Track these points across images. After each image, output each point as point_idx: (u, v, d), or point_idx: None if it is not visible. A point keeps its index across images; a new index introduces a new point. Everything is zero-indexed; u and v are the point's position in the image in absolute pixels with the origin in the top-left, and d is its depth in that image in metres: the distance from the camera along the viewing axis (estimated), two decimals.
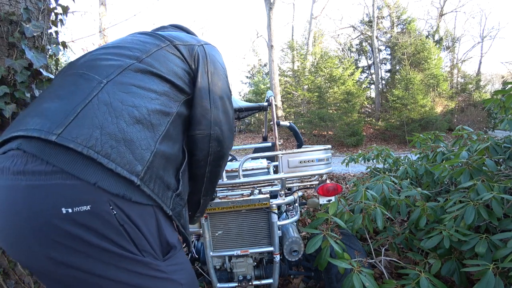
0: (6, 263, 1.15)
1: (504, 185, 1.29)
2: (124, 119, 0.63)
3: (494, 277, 0.95)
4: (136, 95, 0.68)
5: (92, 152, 0.56)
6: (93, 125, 0.58)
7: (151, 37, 0.86)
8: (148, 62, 0.76)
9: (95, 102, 0.62)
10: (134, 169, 0.60)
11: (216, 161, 0.88)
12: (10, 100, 1.11)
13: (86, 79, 0.67)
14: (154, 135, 0.68)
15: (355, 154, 3.07)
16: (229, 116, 0.91)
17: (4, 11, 1.11)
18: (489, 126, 12.09)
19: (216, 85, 0.88)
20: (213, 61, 0.91)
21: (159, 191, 0.66)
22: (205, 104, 0.84)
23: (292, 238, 1.37)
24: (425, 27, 23.49)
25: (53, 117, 0.58)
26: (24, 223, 0.54)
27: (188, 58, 0.86)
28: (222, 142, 0.87)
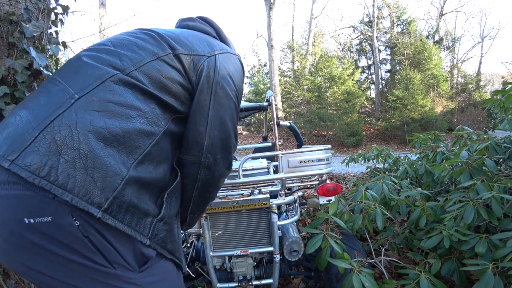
0: None
1: (504, 185, 1.29)
2: (89, 143, 0.55)
3: (494, 277, 0.95)
4: (112, 114, 0.60)
5: (45, 183, 0.51)
6: (49, 151, 0.53)
7: (153, 40, 0.75)
8: (135, 76, 0.67)
9: (57, 123, 0.55)
10: (95, 201, 0.54)
11: (204, 187, 0.81)
12: (10, 100, 1.11)
13: (59, 90, 0.61)
14: (127, 159, 0.60)
15: (355, 154, 3.07)
16: (228, 143, 0.81)
17: (4, 11, 1.11)
18: (489, 126, 12.09)
19: (220, 107, 0.77)
20: (223, 77, 0.78)
21: (131, 221, 0.59)
22: (200, 128, 0.75)
23: (292, 238, 1.37)
24: (425, 27, 23.53)
25: (12, 137, 0.54)
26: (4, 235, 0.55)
27: (190, 71, 0.75)
28: (213, 171, 0.80)
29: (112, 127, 0.59)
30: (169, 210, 0.70)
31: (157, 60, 0.71)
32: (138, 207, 0.61)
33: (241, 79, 0.87)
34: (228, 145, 0.81)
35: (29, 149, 0.53)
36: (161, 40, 0.75)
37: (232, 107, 0.81)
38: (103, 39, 0.79)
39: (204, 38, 0.84)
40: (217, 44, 0.84)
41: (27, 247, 0.55)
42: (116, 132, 0.59)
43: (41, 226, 0.53)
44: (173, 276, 0.72)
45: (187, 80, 0.74)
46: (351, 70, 13.91)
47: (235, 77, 0.82)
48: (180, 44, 0.76)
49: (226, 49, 0.84)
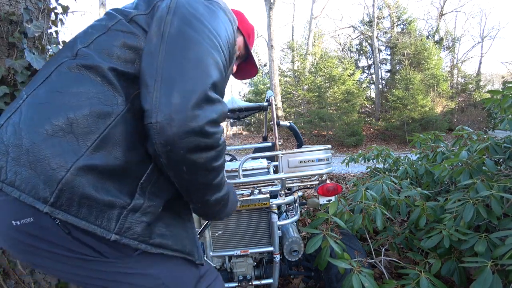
0: (6, 263, 1.15)
1: (504, 184, 1.29)
2: (31, 137, 0.53)
3: (492, 275, 0.95)
4: (56, 104, 0.56)
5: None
6: (0, 152, 0.54)
7: (107, 16, 0.69)
8: (83, 53, 0.61)
9: (5, 125, 0.56)
10: (40, 195, 0.52)
11: (175, 167, 0.57)
12: (10, 100, 1.11)
13: (18, 98, 0.62)
14: (78, 147, 0.54)
15: (355, 154, 3.07)
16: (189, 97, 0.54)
17: (4, 11, 1.11)
18: (489, 126, 12.09)
19: (174, 49, 0.58)
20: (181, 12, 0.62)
21: (89, 214, 0.54)
22: (147, 79, 0.57)
23: (292, 238, 1.37)
24: (425, 27, 23.55)
25: None
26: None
27: (146, 26, 0.65)
28: (171, 141, 0.54)
29: (56, 117, 0.55)
30: (149, 200, 0.60)
31: (106, 33, 0.64)
32: (95, 199, 0.54)
33: (218, 23, 0.66)
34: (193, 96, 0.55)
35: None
36: (115, 12, 0.69)
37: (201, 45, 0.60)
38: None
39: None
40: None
41: (24, 249, 0.57)
42: (62, 122, 0.55)
43: (26, 227, 0.54)
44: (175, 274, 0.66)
45: (143, 39, 0.64)
46: (351, 70, 13.92)
47: (204, 18, 0.64)
48: (137, 7, 0.69)
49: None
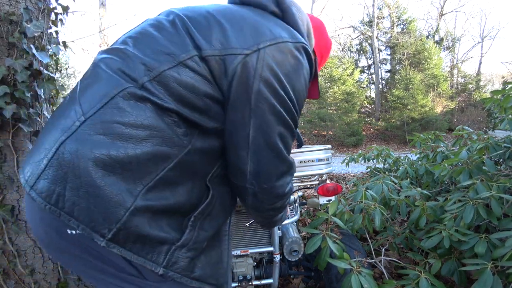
0: (6, 263, 1.15)
1: (503, 184, 1.29)
2: (89, 172, 0.52)
3: (492, 276, 0.95)
4: (117, 137, 0.53)
5: (54, 209, 0.52)
6: (56, 179, 0.52)
7: (176, 33, 0.60)
8: (150, 88, 0.55)
9: (61, 150, 0.53)
10: (98, 230, 0.52)
11: (259, 213, 0.72)
12: (10, 100, 1.11)
13: (72, 111, 0.57)
14: (134, 187, 0.54)
15: (355, 154, 3.07)
16: (275, 167, 0.64)
17: (4, 11, 1.11)
18: (489, 126, 12.10)
19: (264, 125, 0.59)
20: (267, 83, 0.58)
21: (142, 249, 0.55)
22: (241, 153, 0.61)
23: (292, 238, 1.37)
24: (425, 27, 23.52)
25: (33, 163, 0.56)
26: (44, 235, 0.60)
27: (219, 78, 0.58)
28: (262, 201, 0.67)
29: (115, 153, 0.53)
30: (197, 234, 0.60)
31: (177, 66, 0.57)
32: (149, 236, 0.55)
33: (298, 79, 0.63)
34: (278, 171, 0.65)
35: (42, 176, 0.54)
36: (185, 33, 0.59)
37: (283, 123, 0.62)
38: (129, 31, 0.68)
39: (251, 22, 0.62)
40: (268, 30, 0.61)
41: (71, 253, 0.59)
42: (121, 158, 0.53)
43: (79, 237, 0.55)
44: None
45: (216, 89, 0.58)
46: (351, 70, 13.92)
47: (288, 80, 0.60)
48: (210, 39, 0.58)
49: (281, 36, 0.61)
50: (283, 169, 0.66)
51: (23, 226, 1.19)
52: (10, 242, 1.16)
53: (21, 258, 1.18)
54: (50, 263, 1.26)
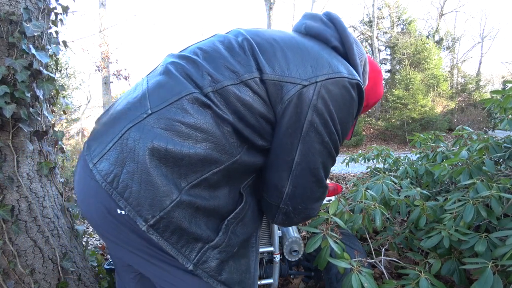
0: (6, 263, 1.15)
1: (504, 185, 1.29)
2: (145, 160, 0.56)
3: (493, 275, 0.95)
4: (176, 134, 0.58)
5: (108, 187, 0.57)
6: (117, 161, 0.58)
7: (243, 54, 0.64)
8: (212, 97, 0.61)
9: (126, 136, 0.59)
10: (143, 214, 0.56)
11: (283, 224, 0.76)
12: (10, 100, 1.11)
13: (140, 102, 0.63)
14: (180, 181, 0.58)
15: (355, 154, 3.07)
16: (314, 193, 0.68)
17: (4, 11, 1.12)
18: (489, 126, 12.10)
19: (310, 153, 0.63)
20: (320, 115, 0.61)
21: (178, 242, 0.58)
22: (283, 174, 0.65)
23: (292, 238, 1.37)
24: (425, 27, 23.51)
25: (100, 141, 0.62)
26: (95, 212, 0.64)
27: (275, 101, 0.61)
28: (292, 219, 0.72)
29: (172, 148, 0.57)
30: (229, 238, 0.63)
31: (239, 84, 0.61)
32: (186, 231, 0.58)
33: (348, 114, 0.66)
34: (314, 195, 0.69)
35: (106, 155, 0.59)
36: (251, 56, 0.64)
37: (328, 153, 0.65)
38: (199, 43, 0.73)
39: (313, 54, 0.65)
40: (327, 64, 0.63)
41: (115, 230, 0.62)
42: (175, 154, 0.57)
43: (126, 217, 0.59)
44: None
45: (271, 111, 0.62)
46: None
47: (338, 114, 0.63)
48: (273, 65, 0.62)
49: (339, 71, 0.63)
50: (319, 194, 0.71)
51: (23, 226, 1.19)
52: (10, 242, 1.16)
53: (21, 258, 1.18)
54: (50, 263, 1.26)
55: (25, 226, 1.20)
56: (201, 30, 21.10)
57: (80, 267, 1.38)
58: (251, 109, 0.61)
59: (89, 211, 0.65)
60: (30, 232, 1.21)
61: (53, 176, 1.35)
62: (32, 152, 1.25)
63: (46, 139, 1.33)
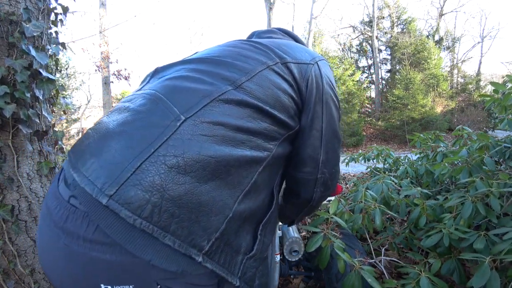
0: (6, 263, 1.15)
1: (503, 181, 1.29)
2: (196, 176, 0.47)
3: (491, 271, 0.95)
4: (221, 140, 0.52)
5: (147, 224, 0.44)
6: (153, 186, 0.45)
7: (257, 49, 0.68)
8: (248, 88, 0.59)
9: (162, 152, 0.47)
10: (197, 243, 0.47)
11: (315, 207, 0.78)
12: (10, 100, 1.11)
13: (161, 110, 0.52)
14: (233, 192, 0.52)
15: (355, 154, 3.07)
16: (338, 152, 0.76)
17: (4, 11, 1.12)
18: (489, 126, 12.09)
19: (331, 118, 0.72)
20: (329, 86, 0.72)
21: (225, 261, 0.51)
22: (316, 143, 0.69)
23: (292, 238, 1.37)
24: (425, 27, 23.49)
25: (109, 166, 0.46)
26: (65, 279, 0.50)
27: (300, 81, 0.67)
28: (329, 187, 0.75)
29: (222, 156, 0.50)
30: (262, 245, 0.60)
31: (267, 69, 0.63)
32: (232, 245, 0.52)
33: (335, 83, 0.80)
34: (339, 156, 0.77)
35: (130, 181, 0.44)
36: (265, 49, 0.69)
37: (338, 117, 0.76)
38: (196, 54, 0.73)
39: (299, 46, 0.77)
40: (312, 51, 0.77)
41: None
42: (227, 162, 0.51)
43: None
44: None
45: (297, 91, 0.67)
46: (351, 71, 13.93)
47: (335, 85, 0.77)
48: (285, 53, 0.69)
49: (320, 55, 0.78)
50: (339, 154, 0.78)
51: (23, 226, 1.19)
52: (10, 242, 1.16)
53: (21, 258, 1.18)
54: None
55: (25, 226, 1.20)
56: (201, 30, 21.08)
57: None
58: (283, 90, 0.64)
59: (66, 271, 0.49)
60: (30, 232, 1.21)
61: (53, 176, 1.36)
62: (32, 152, 1.25)
63: (46, 139, 1.33)
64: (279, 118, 0.62)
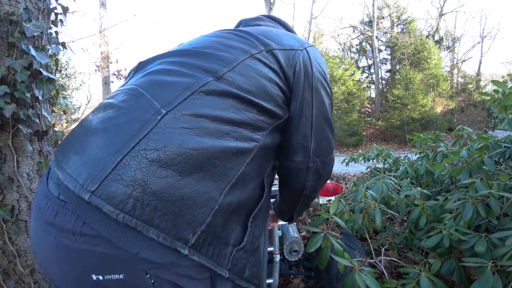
0: (6, 263, 1.15)
1: (504, 182, 1.29)
2: (179, 169, 0.47)
3: (493, 275, 0.95)
4: (203, 132, 0.51)
5: (130, 218, 0.44)
6: (135, 180, 0.45)
7: (239, 38, 0.67)
8: (230, 78, 0.58)
9: (143, 146, 0.47)
10: (182, 236, 0.47)
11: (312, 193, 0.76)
12: (10, 100, 1.11)
13: (142, 105, 0.52)
14: (219, 184, 0.51)
15: (355, 154, 3.07)
16: (331, 141, 0.74)
17: (4, 11, 1.12)
18: (489, 126, 12.09)
19: (322, 104, 0.70)
20: (319, 72, 0.71)
21: (213, 254, 0.51)
22: (306, 131, 0.68)
23: (292, 238, 1.37)
24: (425, 27, 23.49)
25: (91, 162, 0.47)
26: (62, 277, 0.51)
27: (287, 68, 0.66)
28: (322, 176, 0.73)
29: (204, 148, 0.50)
30: (252, 237, 0.60)
31: (250, 57, 0.62)
32: (220, 237, 0.52)
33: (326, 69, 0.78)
34: (332, 144, 0.75)
35: (111, 176, 0.45)
36: (249, 36, 0.67)
37: (330, 104, 0.74)
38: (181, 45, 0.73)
39: (286, 33, 0.76)
40: (300, 38, 0.75)
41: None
42: (210, 154, 0.50)
43: (111, 284, 0.47)
44: None
45: (283, 79, 0.66)
46: (352, 72, 13.93)
47: (326, 71, 0.75)
48: (271, 39, 0.68)
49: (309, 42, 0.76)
50: (333, 143, 0.76)
51: (23, 226, 1.19)
52: (10, 242, 1.16)
53: (21, 258, 1.18)
54: None
55: (25, 226, 1.20)
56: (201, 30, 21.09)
57: None
58: (269, 79, 0.63)
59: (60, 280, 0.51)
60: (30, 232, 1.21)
61: None
62: (32, 152, 1.25)
63: (46, 139, 1.33)
64: (265, 108, 0.61)
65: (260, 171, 0.62)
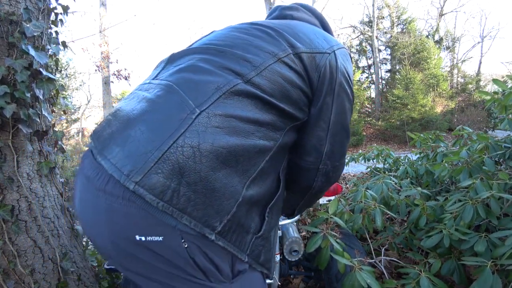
0: (6, 263, 1.15)
1: (504, 181, 1.29)
2: (210, 164, 0.53)
3: (492, 275, 0.95)
4: (232, 131, 0.56)
5: (167, 206, 0.51)
6: (173, 173, 0.51)
7: (269, 37, 0.68)
8: (257, 82, 0.61)
9: (180, 143, 0.52)
10: (210, 223, 0.53)
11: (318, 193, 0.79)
12: (10, 100, 1.11)
13: (178, 103, 0.57)
14: (242, 179, 0.57)
15: (355, 154, 3.07)
16: (345, 146, 0.76)
17: (4, 11, 1.12)
18: (489, 126, 12.09)
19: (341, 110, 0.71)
20: (344, 77, 0.71)
21: (236, 240, 0.58)
22: (322, 134, 0.71)
23: (292, 238, 1.37)
24: (425, 27, 23.49)
25: (135, 156, 0.52)
26: (106, 237, 0.57)
27: (311, 71, 0.68)
28: (330, 178, 0.76)
29: (233, 146, 0.55)
30: (269, 226, 0.65)
31: (277, 62, 0.64)
32: (243, 226, 0.58)
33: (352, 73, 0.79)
34: (345, 150, 0.77)
35: (154, 169, 0.51)
36: (278, 37, 0.69)
37: (351, 110, 0.75)
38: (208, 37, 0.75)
39: (318, 31, 0.76)
40: (330, 38, 0.75)
41: (131, 257, 0.57)
42: (236, 151, 0.56)
43: (151, 244, 0.53)
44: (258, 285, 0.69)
45: (307, 82, 0.68)
46: None
47: (351, 76, 0.75)
48: (299, 41, 0.69)
49: (339, 43, 0.75)
50: (346, 148, 0.78)
51: (23, 226, 1.19)
52: (10, 242, 1.16)
53: (21, 258, 1.18)
54: (50, 263, 1.26)
55: (25, 226, 1.20)
56: (201, 30, 21.11)
57: (80, 267, 1.38)
58: (292, 83, 0.65)
59: (105, 237, 0.57)
60: (30, 232, 1.21)
61: (53, 176, 1.35)
62: (32, 152, 1.25)
63: (46, 139, 1.33)
64: (286, 111, 0.64)
65: (277, 166, 0.67)
